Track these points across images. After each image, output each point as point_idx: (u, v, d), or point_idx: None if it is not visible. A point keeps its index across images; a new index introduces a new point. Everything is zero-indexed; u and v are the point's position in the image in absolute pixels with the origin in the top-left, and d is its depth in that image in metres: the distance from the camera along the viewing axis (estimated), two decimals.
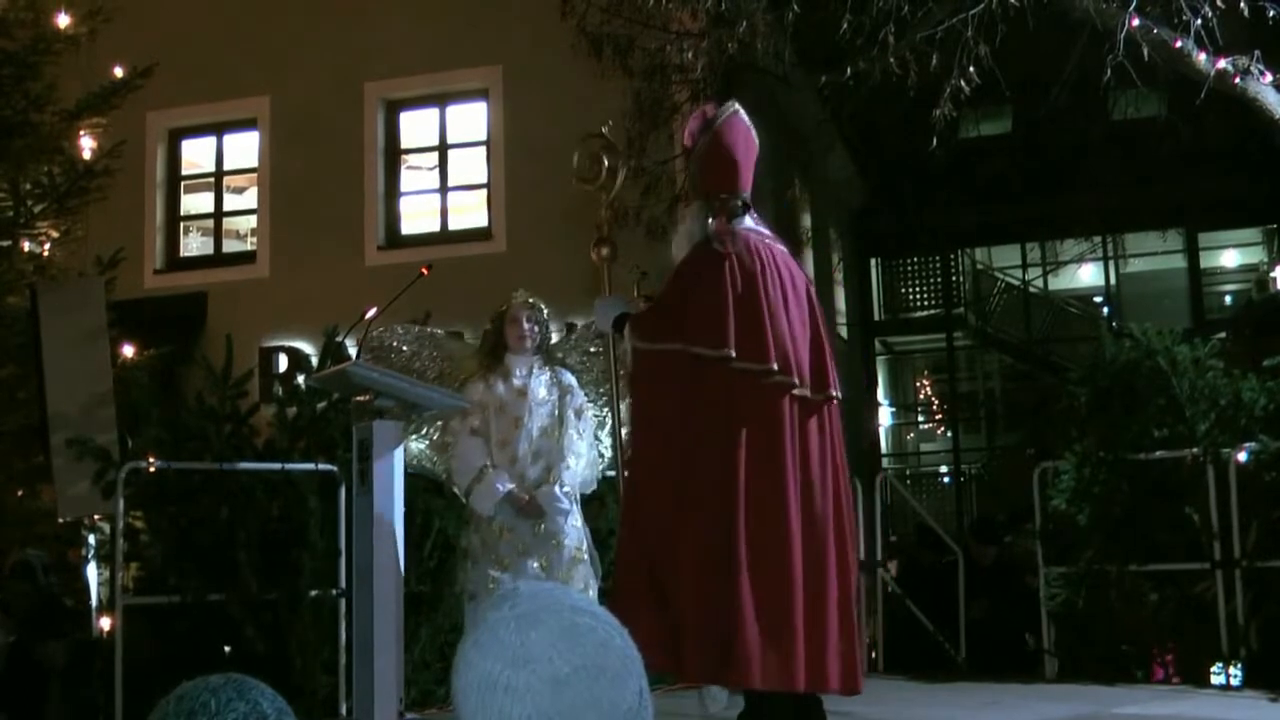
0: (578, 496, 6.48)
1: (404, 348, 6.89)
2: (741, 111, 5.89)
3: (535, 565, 6.26)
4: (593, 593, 6.34)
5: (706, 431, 5.34)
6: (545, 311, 6.68)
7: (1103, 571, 8.70)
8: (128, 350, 9.27)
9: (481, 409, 6.46)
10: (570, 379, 6.62)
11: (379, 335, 6.88)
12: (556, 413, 6.49)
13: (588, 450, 6.55)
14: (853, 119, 15.72)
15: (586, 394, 6.69)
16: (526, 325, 6.53)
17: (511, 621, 1.78)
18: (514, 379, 6.51)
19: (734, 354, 5.33)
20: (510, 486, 6.30)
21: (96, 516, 8.59)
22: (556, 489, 6.32)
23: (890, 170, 20.83)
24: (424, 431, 6.83)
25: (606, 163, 6.09)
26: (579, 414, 6.53)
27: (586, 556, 6.40)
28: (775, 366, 5.40)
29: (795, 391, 5.45)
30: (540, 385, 6.51)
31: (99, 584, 8.87)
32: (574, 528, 6.41)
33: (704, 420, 5.36)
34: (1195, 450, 8.47)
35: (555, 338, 6.91)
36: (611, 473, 6.59)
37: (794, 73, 14.05)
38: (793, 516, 5.30)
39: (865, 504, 10.13)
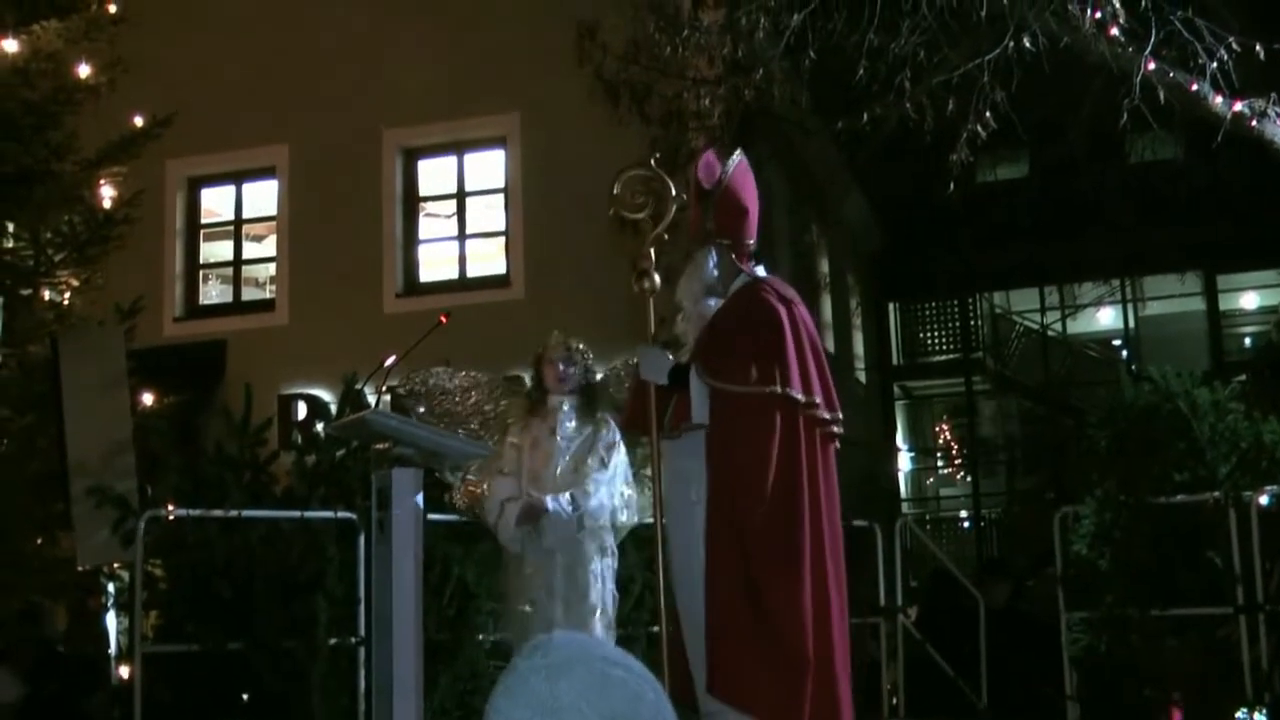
0: (605, 530, 6.46)
1: (452, 392, 6.92)
2: (745, 161, 6.01)
3: (560, 610, 6.26)
4: (612, 638, 6.32)
5: (794, 479, 5.41)
6: (585, 352, 6.71)
7: (1125, 616, 8.63)
8: (147, 398, 9.30)
9: (515, 450, 6.49)
10: (608, 417, 6.63)
11: (420, 380, 6.91)
12: (589, 447, 6.51)
13: (616, 483, 6.51)
14: (869, 164, 15.76)
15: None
16: (562, 368, 6.57)
17: (543, 670, 1.77)
18: (549, 417, 6.55)
19: (817, 400, 5.46)
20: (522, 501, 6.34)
21: (116, 565, 8.59)
22: (561, 498, 6.32)
23: (907, 214, 20.86)
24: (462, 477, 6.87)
25: (652, 193, 6.08)
26: (609, 448, 6.54)
27: (609, 605, 6.39)
28: (840, 415, 5.62)
29: (835, 430, 5.66)
30: (571, 421, 6.54)
31: (118, 632, 8.87)
32: (594, 574, 6.39)
33: (792, 467, 5.42)
34: (1216, 494, 8.41)
35: (600, 375, 6.92)
36: (650, 520, 6.56)
37: (810, 119, 14.10)
38: (830, 571, 5.47)
39: (884, 549, 10.09)
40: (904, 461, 26.74)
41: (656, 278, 5.92)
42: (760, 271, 5.85)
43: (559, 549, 6.39)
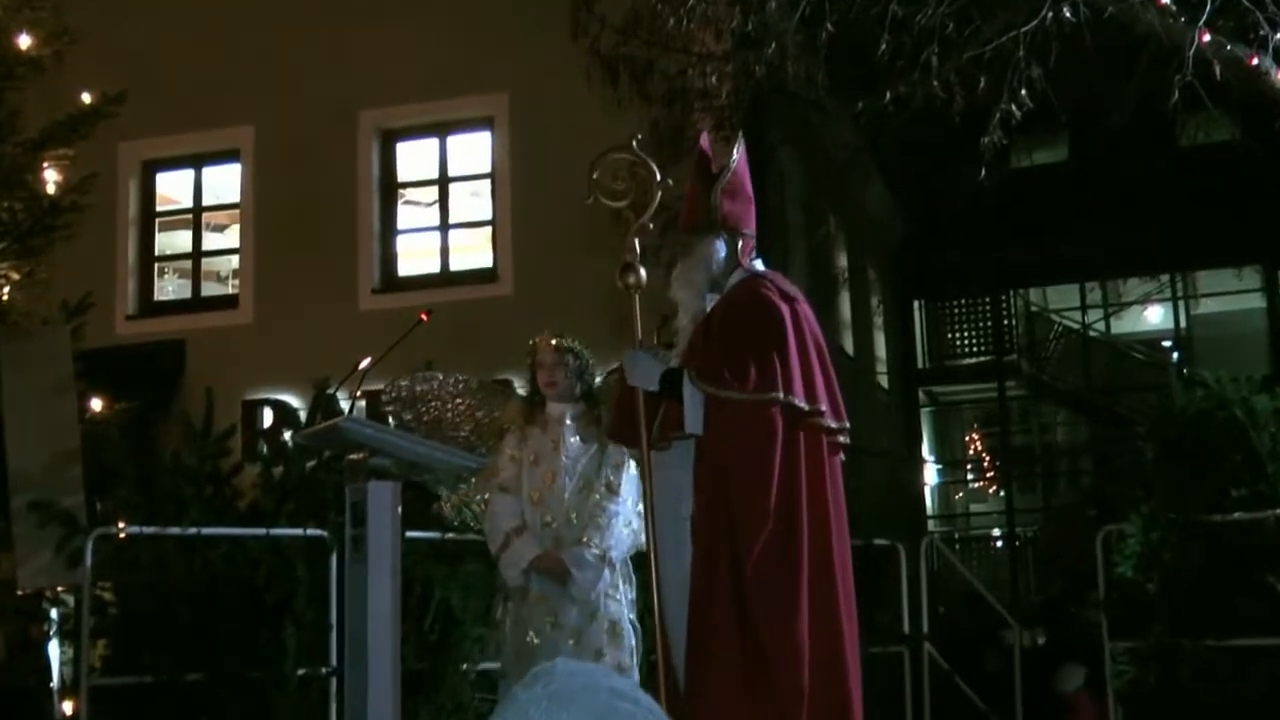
0: (622, 562, 6.44)
1: (438, 398, 6.90)
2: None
3: (570, 640, 6.24)
4: (634, 676, 6.30)
5: (795, 497, 5.39)
6: (578, 353, 6.63)
7: (1175, 647, 8.62)
8: (96, 404, 9.26)
9: (515, 463, 6.47)
10: None
11: (407, 385, 6.89)
12: (597, 466, 6.48)
13: (629, 510, 6.47)
14: (893, 148, 15.75)
15: None
16: (549, 371, 6.53)
17: (543, 701, 1.76)
18: (551, 430, 6.52)
19: (822, 408, 5.44)
20: (536, 552, 6.32)
21: (61, 588, 8.56)
22: (586, 552, 6.30)
23: (934, 204, 20.80)
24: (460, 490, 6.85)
25: (636, 179, 6.02)
26: (617, 469, 6.48)
27: (627, 635, 6.38)
28: (847, 424, 5.59)
29: (842, 440, 5.62)
30: (575, 436, 6.51)
31: (62, 663, 8.84)
32: (614, 600, 6.38)
33: (793, 483, 5.40)
34: (1277, 511, 8.40)
35: (599, 380, 6.85)
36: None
37: (828, 98, 14.08)
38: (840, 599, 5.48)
39: (908, 570, 10.08)
40: (930, 475, 26.72)
41: (643, 272, 5.84)
42: (759, 266, 5.82)
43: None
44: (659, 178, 5.85)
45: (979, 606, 11.70)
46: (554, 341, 6.58)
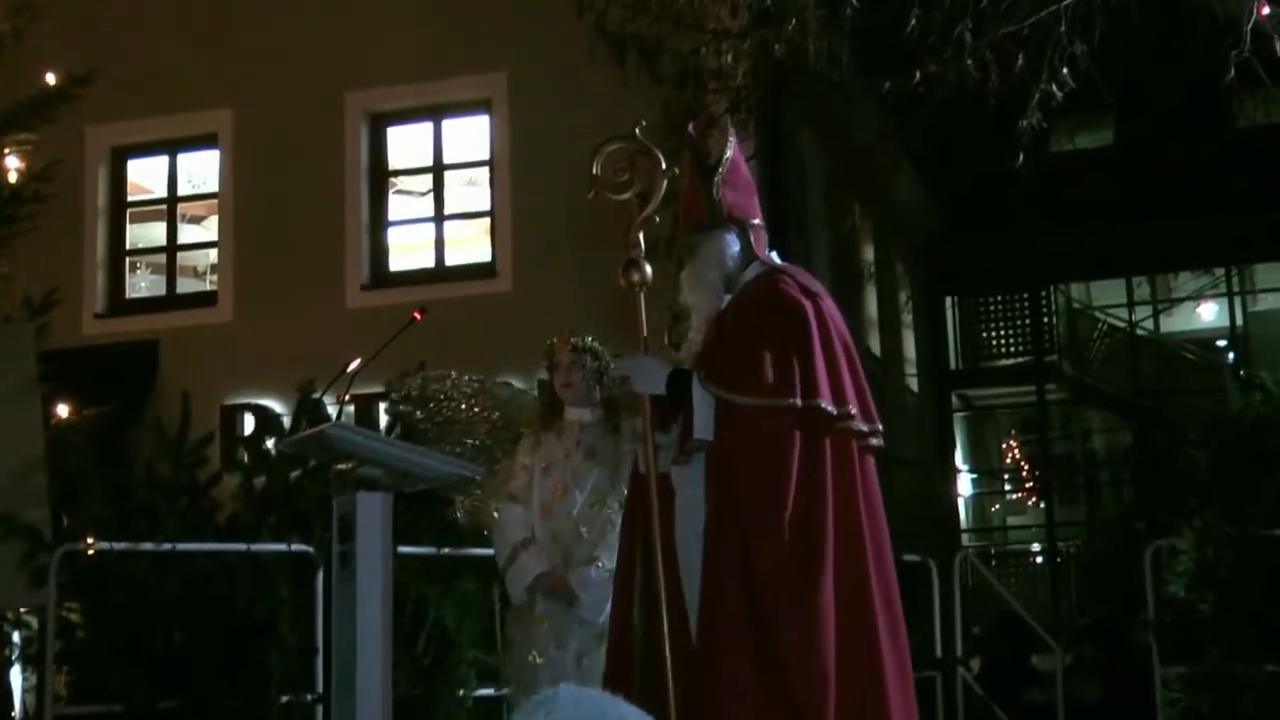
0: None
1: (450, 399, 6.92)
2: None
3: (572, 659, 6.27)
4: None
5: (819, 514, 5.35)
6: (599, 353, 6.70)
7: (1231, 673, 8.61)
8: (63, 409, 9.26)
9: (527, 471, 6.49)
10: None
11: (417, 383, 6.91)
12: (610, 477, 6.49)
13: None
14: (923, 132, 15.74)
15: None
16: (565, 373, 6.57)
17: None
18: (566, 436, 6.55)
19: (852, 410, 5.41)
20: (542, 569, 6.35)
21: (23, 609, 8.56)
22: (594, 570, 6.31)
23: (968, 192, 20.82)
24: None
25: (640, 169, 5.99)
26: None
27: None
28: (879, 426, 5.54)
29: (874, 443, 5.58)
30: (590, 443, 6.53)
31: (24, 690, 8.83)
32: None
33: (816, 497, 5.37)
34: None
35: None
36: None
37: (853, 78, 14.07)
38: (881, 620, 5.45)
39: (941, 588, 10.07)
40: (964, 485, 26.73)
41: (648, 269, 5.79)
42: (775, 259, 5.79)
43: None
44: (664, 166, 5.82)
45: (1017, 628, 11.68)
46: (575, 341, 6.63)
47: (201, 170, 17.26)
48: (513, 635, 6.53)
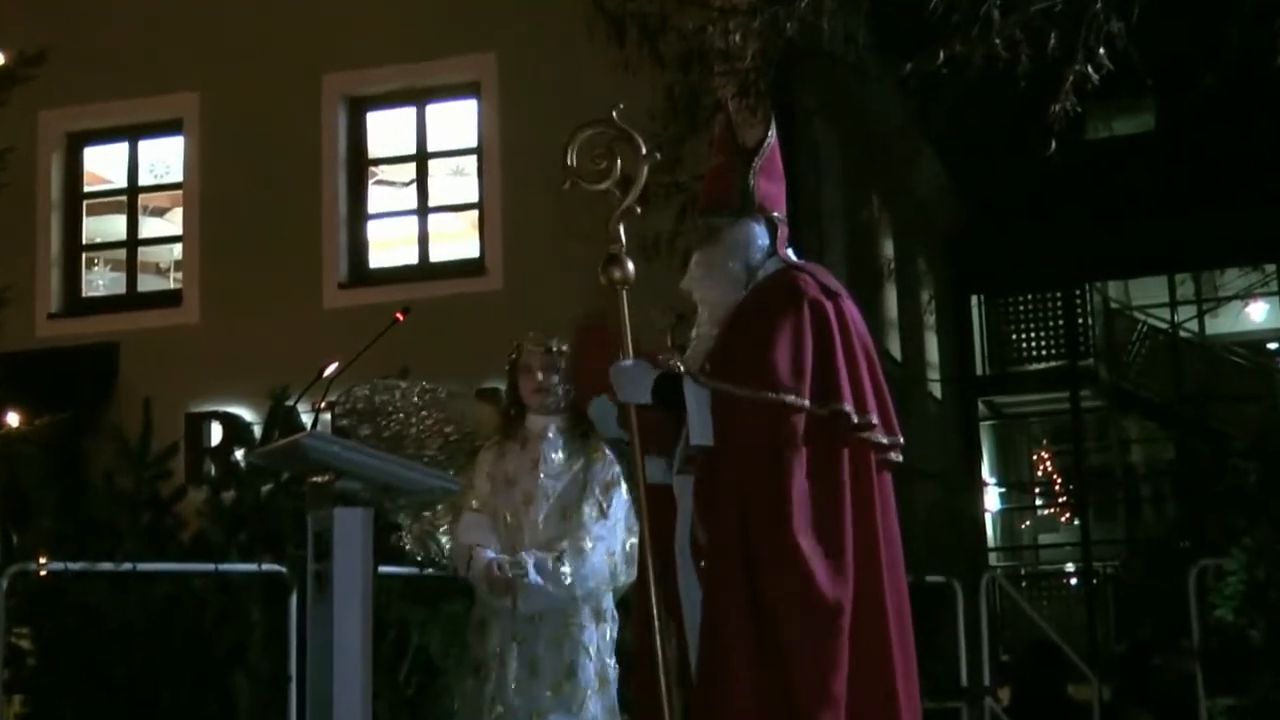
0: (604, 599, 6.42)
1: (399, 410, 6.90)
2: None
3: (548, 693, 6.23)
4: None
5: (838, 529, 5.34)
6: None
7: None
8: (13, 418, 9.27)
9: (491, 482, 6.46)
10: (606, 447, 6.45)
11: (365, 394, 6.89)
12: (581, 487, 6.45)
13: (617, 535, 6.42)
14: (947, 118, 15.75)
15: None
16: (541, 376, 6.50)
17: None
18: (531, 446, 6.50)
19: (873, 420, 5.38)
20: (491, 555, 6.28)
21: None
22: (548, 563, 6.23)
23: (996, 183, 20.84)
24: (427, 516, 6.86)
25: (619, 157, 5.93)
26: (607, 489, 6.45)
27: (611, 681, 6.36)
28: (900, 438, 5.52)
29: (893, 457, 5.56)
30: (558, 452, 6.48)
31: None
32: (587, 646, 6.36)
33: (838, 501, 5.36)
34: None
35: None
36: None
37: (871, 60, 14.08)
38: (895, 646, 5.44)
39: (966, 612, 10.07)
40: (992, 500, 26.73)
41: (630, 266, 5.73)
42: (792, 256, 5.78)
43: (542, 618, 6.33)
44: (644, 152, 5.78)
45: (1050, 656, 11.68)
46: (550, 343, 6.55)
47: (165, 158, 17.28)
48: (469, 649, 6.46)
